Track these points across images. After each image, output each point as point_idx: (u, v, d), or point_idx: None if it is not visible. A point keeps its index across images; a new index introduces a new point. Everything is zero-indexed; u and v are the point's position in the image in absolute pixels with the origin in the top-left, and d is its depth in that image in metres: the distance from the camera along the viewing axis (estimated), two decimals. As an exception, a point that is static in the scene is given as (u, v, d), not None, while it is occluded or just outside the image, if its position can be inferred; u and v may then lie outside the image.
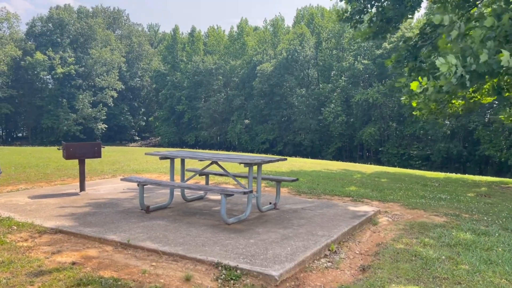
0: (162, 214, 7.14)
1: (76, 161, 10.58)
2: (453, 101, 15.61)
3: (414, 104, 15.47)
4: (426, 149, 47.29)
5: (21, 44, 64.06)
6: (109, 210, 7.37)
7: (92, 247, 5.53)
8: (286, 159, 7.12)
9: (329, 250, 5.72)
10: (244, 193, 6.18)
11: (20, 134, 71.86)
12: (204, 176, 9.45)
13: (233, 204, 8.02)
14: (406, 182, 13.04)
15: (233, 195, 6.31)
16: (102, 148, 9.05)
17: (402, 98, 16.11)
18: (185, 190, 8.24)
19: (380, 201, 9.25)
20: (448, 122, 43.61)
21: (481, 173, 37.49)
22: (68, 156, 8.68)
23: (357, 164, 21.42)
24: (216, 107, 59.69)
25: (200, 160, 7.22)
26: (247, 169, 6.83)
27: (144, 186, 7.39)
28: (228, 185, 10.76)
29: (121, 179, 7.30)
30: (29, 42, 65.60)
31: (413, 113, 16.43)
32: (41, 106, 62.68)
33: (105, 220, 6.69)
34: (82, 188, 9.13)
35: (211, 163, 7.56)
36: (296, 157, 35.42)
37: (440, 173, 19.53)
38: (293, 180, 7.60)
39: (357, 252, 5.82)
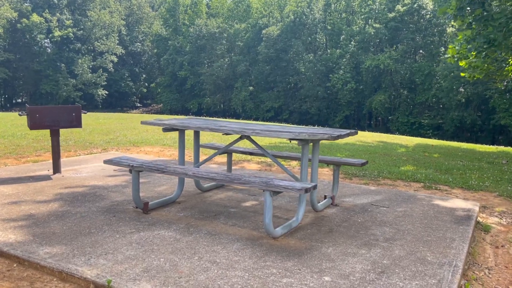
0: (167, 216, 4.67)
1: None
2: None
3: (462, 64, 12.98)
4: (437, 118, 45.23)
5: (17, 5, 60.79)
6: (88, 208, 4.90)
7: (44, 291, 3.10)
8: (356, 132, 4.63)
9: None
10: (306, 191, 3.68)
11: (19, 100, 69.33)
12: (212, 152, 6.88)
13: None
14: (465, 159, 10.56)
15: (281, 192, 3.82)
16: (82, 114, 6.53)
17: (447, 56, 13.56)
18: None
19: (462, 188, 6.78)
20: (463, 90, 41.41)
21: (493, 143, 35.48)
22: (33, 124, 6.17)
23: (389, 135, 18.88)
24: (220, 73, 56.73)
25: (225, 134, 4.72)
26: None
27: (141, 172, 4.87)
28: (250, 164, 8.27)
29: (105, 162, 4.80)
30: (25, 4, 62.34)
31: (462, 74, 13.82)
32: (39, 70, 60.06)
33: (78, 228, 4.23)
34: (56, 169, 6.65)
35: (240, 138, 5.06)
36: (302, 125, 32.96)
37: (490, 146, 17.00)
38: (362, 164, 5.10)
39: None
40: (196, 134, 5.55)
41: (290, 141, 4.34)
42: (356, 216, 4.85)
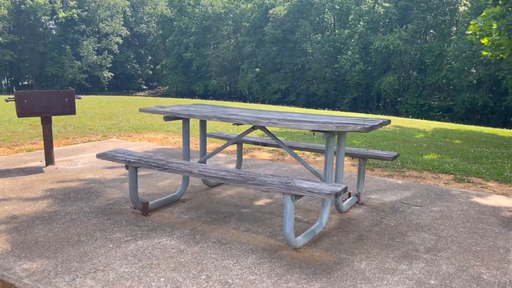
0: (170, 219, 4.05)
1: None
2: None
3: (484, 41, 12.20)
4: (447, 100, 44.41)
5: (21, -14, 60.05)
6: (80, 209, 4.28)
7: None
8: (389, 121, 3.97)
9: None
10: (336, 195, 3.03)
11: (25, 83, 68.84)
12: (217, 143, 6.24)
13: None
14: (490, 145, 9.85)
15: (304, 196, 3.17)
16: (76, 99, 5.90)
17: (468, 33, 12.77)
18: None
19: (498, 181, 6.11)
20: (474, 71, 40.52)
21: (505, 126, 34.61)
22: (22, 111, 5.54)
23: (404, 119, 18.08)
24: (226, 54, 55.76)
25: (236, 124, 4.07)
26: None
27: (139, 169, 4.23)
28: (261, 152, 7.63)
29: (98, 156, 4.17)
30: (29, -16, 61.50)
31: (484, 53, 13.03)
32: (44, 53, 59.43)
33: (66, 235, 3.62)
34: (49, 160, 6.04)
35: (252, 128, 4.40)
36: (310, 108, 32.18)
37: (509, 130, 16.21)
38: (394, 157, 4.44)
39: None
40: (203, 123, 4.91)
41: (314, 134, 3.67)
42: (387, 218, 4.21)
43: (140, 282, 2.85)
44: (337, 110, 33.40)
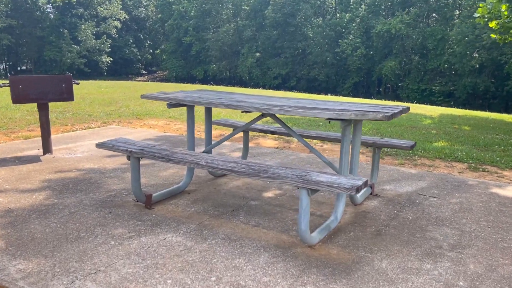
0: (175, 212, 3.82)
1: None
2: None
3: (492, 25, 11.90)
4: (449, 85, 44.07)
5: (17, -31, 59.23)
6: (79, 201, 4.05)
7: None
8: (408, 108, 3.71)
9: None
10: (357, 190, 2.79)
11: (24, 67, 68.26)
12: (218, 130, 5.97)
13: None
14: (500, 132, 9.60)
15: (318, 190, 2.93)
16: (74, 85, 5.64)
17: (476, 16, 12.45)
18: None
19: (514, 170, 5.88)
20: (477, 55, 40.12)
21: (506, 111, 34.35)
22: (17, 97, 5.27)
23: (409, 104, 17.71)
24: (226, 39, 55.14)
25: (245, 112, 3.82)
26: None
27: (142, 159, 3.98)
28: (265, 140, 7.38)
29: (97, 145, 3.93)
30: (26, -33, 60.66)
31: (492, 36, 12.73)
32: (42, 37, 58.77)
33: (64, 231, 3.38)
34: (46, 149, 5.80)
35: (261, 116, 4.15)
36: (311, 93, 31.85)
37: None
38: (412, 146, 4.19)
39: None
40: (208, 110, 4.65)
41: (330, 122, 3.40)
42: (405, 211, 3.98)
43: (145, 284, 2.62)
44: (338, 96, 33.09)
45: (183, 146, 6.54)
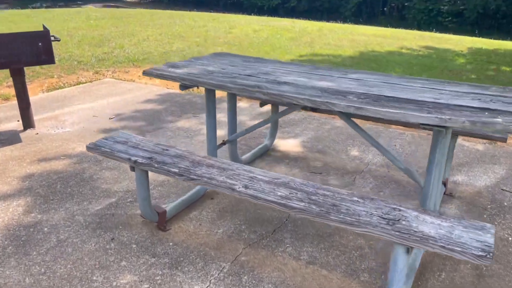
0: (198, 237, 2.87)
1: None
2: None
3: None
4: (458, 4, 41.86)
5: None
6: (70, 215, 3.07)
7: None
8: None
9: None
10: (492, 255, 1.83)
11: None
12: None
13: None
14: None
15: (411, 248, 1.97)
16: (53, 42, 4.53)
17: None
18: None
19: None
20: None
21: (514, 31, 32.75)
22: (-17, 66, 4.14)
23: (432, 33, 16.04)
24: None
25: (303, 109, 2.75)
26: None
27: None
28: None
29: (88, 148, 2.90)
30: None
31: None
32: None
33: (51, 283, 2.44)
34: (26, 123, 4.75)
35: (309, 110, 3.08)
36: (314, 17, 30.00)
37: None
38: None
39: None
40: (232, 99, 3.56)
41: (421, 126, 2.33)
42: (499, 225, 3.04)
43: None
44: (338, 17, 31.15)
45: (194, 111, 5.49)
